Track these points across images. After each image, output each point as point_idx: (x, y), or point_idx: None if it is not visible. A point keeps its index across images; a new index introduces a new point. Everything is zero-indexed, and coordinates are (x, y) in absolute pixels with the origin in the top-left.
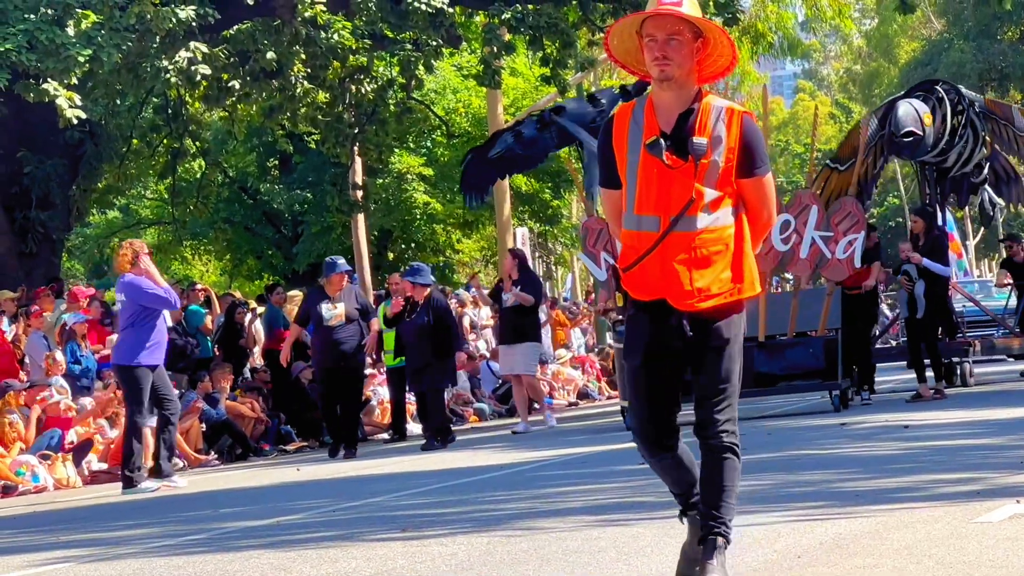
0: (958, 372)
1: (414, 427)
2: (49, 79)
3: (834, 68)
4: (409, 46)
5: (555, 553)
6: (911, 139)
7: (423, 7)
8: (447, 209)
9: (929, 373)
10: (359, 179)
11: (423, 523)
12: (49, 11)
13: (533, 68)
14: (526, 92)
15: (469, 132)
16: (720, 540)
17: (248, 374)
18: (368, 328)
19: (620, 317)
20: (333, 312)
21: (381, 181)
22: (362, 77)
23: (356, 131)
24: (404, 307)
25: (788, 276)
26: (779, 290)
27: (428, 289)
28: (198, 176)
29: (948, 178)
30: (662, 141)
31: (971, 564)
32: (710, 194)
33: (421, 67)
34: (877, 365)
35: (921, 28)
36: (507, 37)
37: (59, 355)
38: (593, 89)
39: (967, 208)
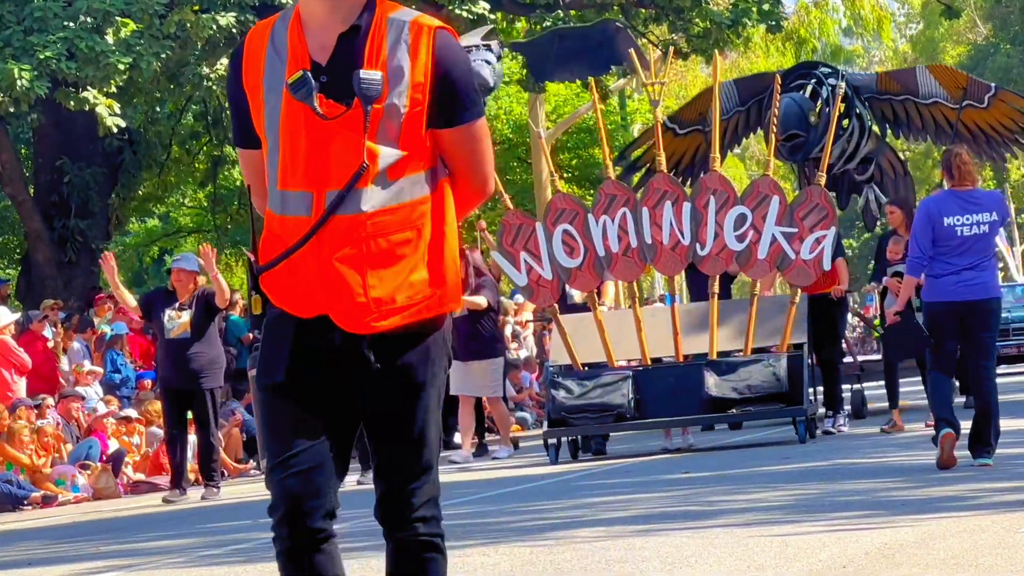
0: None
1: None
2: (89, 87)
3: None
4: None
5: (597, 563)
6: (792, 142)
7: (464, 14)
8: (488, 217)
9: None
10: None
11: (465, 532)
12: (88, 19)
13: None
14: (567, 99)
15: (510, 139)
16: None
17: None
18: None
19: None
20: (177, 322)
21: None
22: None
23: None
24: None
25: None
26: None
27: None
28: (238, 183)
29: (831, 175)
30: (311, 77)
31: (1017, 574)
32: (388, 155)
33: None
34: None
35: (967, 33)
36: None
37: (88, 364)
38: (635, 96)
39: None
